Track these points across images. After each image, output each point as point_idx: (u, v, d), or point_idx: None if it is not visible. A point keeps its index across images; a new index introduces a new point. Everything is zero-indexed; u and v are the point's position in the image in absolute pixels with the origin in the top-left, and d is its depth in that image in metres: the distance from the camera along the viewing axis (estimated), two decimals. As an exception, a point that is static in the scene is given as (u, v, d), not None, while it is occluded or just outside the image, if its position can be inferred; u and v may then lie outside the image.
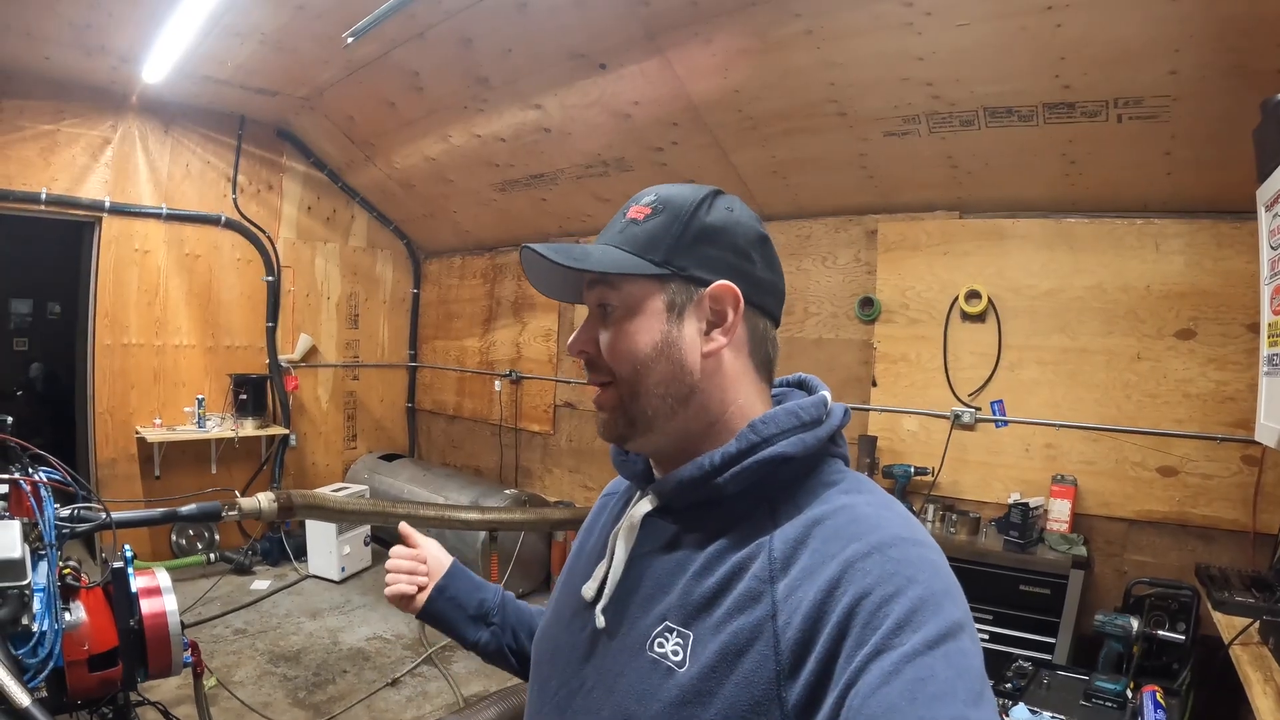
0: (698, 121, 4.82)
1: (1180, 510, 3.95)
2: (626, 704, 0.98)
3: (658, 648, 0.98)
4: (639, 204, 1.10)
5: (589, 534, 1.31)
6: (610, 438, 1.11)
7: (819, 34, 3.85)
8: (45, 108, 6.04)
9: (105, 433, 6.57)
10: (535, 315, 7.30)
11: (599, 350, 1.08)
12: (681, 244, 1.05)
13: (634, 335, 1.05)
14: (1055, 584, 3.80)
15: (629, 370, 1.05)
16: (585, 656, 1.10)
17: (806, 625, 0.85)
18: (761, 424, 1.02)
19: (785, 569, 0.91)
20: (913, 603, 0.79)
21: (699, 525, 1.04)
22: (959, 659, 0.76)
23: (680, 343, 1.05)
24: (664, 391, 1.05)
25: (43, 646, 2.32)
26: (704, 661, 0.92)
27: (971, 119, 3.97)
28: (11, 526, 2.43)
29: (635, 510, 1.12)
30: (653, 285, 1.05)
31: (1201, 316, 3.90)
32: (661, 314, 1.05)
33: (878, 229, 4.88)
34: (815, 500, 0.97)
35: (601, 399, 1.09)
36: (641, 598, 1.05)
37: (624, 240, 1.06)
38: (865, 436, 4.79)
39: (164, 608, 2.73)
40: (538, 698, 1.18)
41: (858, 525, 0.90)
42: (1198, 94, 3.36)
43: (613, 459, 1.25)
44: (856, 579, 0.83)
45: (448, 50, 5.08)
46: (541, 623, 1.28)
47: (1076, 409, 4.23)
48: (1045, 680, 2.91)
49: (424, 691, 4.96)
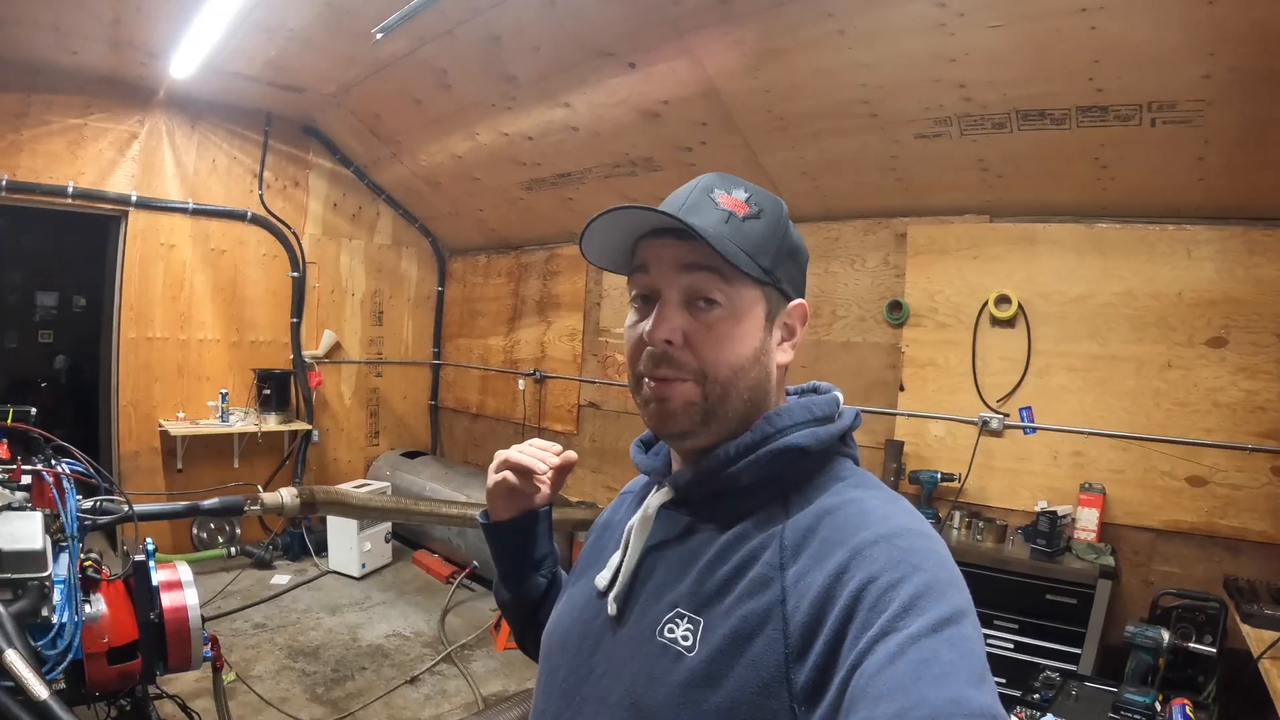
0: (727, 121, 4.80)
1: (1208, 521, 3.91)
2: (635, 688, 1.00)
3: (668, 633, 0.99)
4: (732, 194, 1.08)
5: (605, 528, 1.33)
6: (675, 431, 1.08)
7: (851, 34, 3.83)
8: (73, 102, 6.07)
9: (128, 426, 6.61)
10: (560, 315, 7.31)
11: (684, 342, 1.05)
12: (780, 255, 1.07)
13: (740, 339, 1.05)
14: (1082, 594, 3.76)
15: (727, 373, 1.04)
16: (596, 644, 1.11)
17: (814, 609, 0.87)
18: (776, 416, 1.06)
19: (795, 556, 0.93)
20: (918, 588, 0.81)
21: (713, 516, 1.06)
22: (962, 643, 0.78)
23: (770, 352, 1.09)
24: (749, 397, 1.06)
25: (62, 638, 2.32)
26: (713, 645, 0.93)
27: (1004, 121, 3.95)
28: (33, 517, 2.45)
29: (651, 502, 1.14)
30: (757, 290, 1.06)
31: (1233, 324, 3.86)
32: (761, 321, 1.07)
33: (907, 232, 4.87)
34: (825, 493, 1.00)
35: (672, 391, 1.06)
36: (654, 587, 1.07)
37: (734, 234, 1.04)
38: (892, 441, 4.77)
39: (185, 601, 2.75)
40: (546, 685, 1.19)
41: (866, 516, 0.93)
42: (1231, 98, 3.32)
43: (632, 456, 1.27)
44: (864, 565, 0.85)
45: (476, 48, 5.07)
46: (553, 613, 1.28)
47: (1105, 417, 4.19)
48: (1073, 691, 2.90)
49: (443, 690, 4.95)
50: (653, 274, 1.07)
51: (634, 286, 1.11)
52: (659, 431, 1.11)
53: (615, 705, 1.02)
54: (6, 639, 2.06)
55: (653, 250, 1.07)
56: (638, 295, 1.11)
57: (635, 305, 1.12)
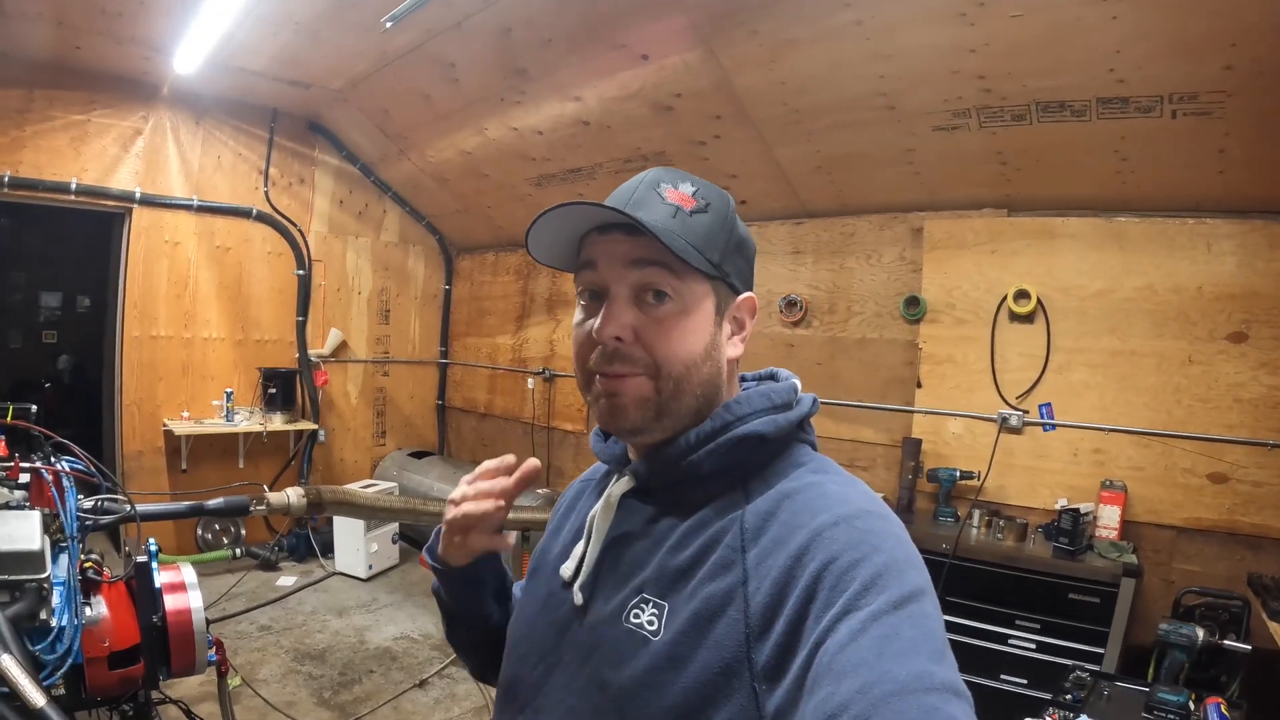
0: (741, 115, 4.79)
1: (1230, 518, 3.91)
2: (601, 672, 1.02)
3: (634, 618, 1.01)
4: (678, 188, 1.08)
5: (565, 517, 1.33)
6: (626, 427, 1.09)
7: (869, 25, 3.82)
8: (76, 98, 6.08)
9: (132, 425, 6.60)
10: (569, 313, 7.13)
11: (634, 338, 1.05)
12: (728, 249, 1.09)
13: (691, 334, 1.06)
14: (1105, 593, 3.72)
15: (679, 369, 1.05)
16: (562, 633, 1.12)
17: (776, 589, 0.88)
18: (735, 404, 1.08)
19: (756, 539, 0.95)
20: (877, 568, 0.83)
21: (675, 504, 1.08)
22: (922, 620, 0.80)
23: (721, 347, 1.10)
24: (701, 392, 1.07)
25: (61, 642, 2.29)
26: (677, 628, 0.95)
27: (1023, 113, 3.94)
28: (31, 517, 2.43)
29: (613, 490, 1.15)
30: (706, 284, 1.07)
31: (1254, 319, 3.86)
32: (711, 316, 1.08)
33: (924, 226, 4.86)
34: (785, 478, 1.02)
35: (624, 387, 1.06)
36: (619, 574, 1.08)
37: (682, 229, 1.04)
38: (909, 439, 4.76)
39: (189, 604, 2.73)
40: (510, 676, 1.20)
41: (826, 499, 0.95)
42: (1253, 90, 3.32)
43: (592, 444, 1.26)
44: (824, 546, 0.87)
45: (486, 40, 5.06)
46: (517, 607, 1.29)
47: (1126, 413, 4.19)
48: (1105, 692, 2.87)
49: (452, 694, 4.93)
50: (601, 270, 1.07)
51: (580, 283, 1.11)
52: (611, 428, 1.12)
53: (581, 691, 1.05)
54: (2, 644, 2.01)
55: (600, 246, 1.07)
56: (584, 291, 1.11)
57: (582, 302, 1.11)
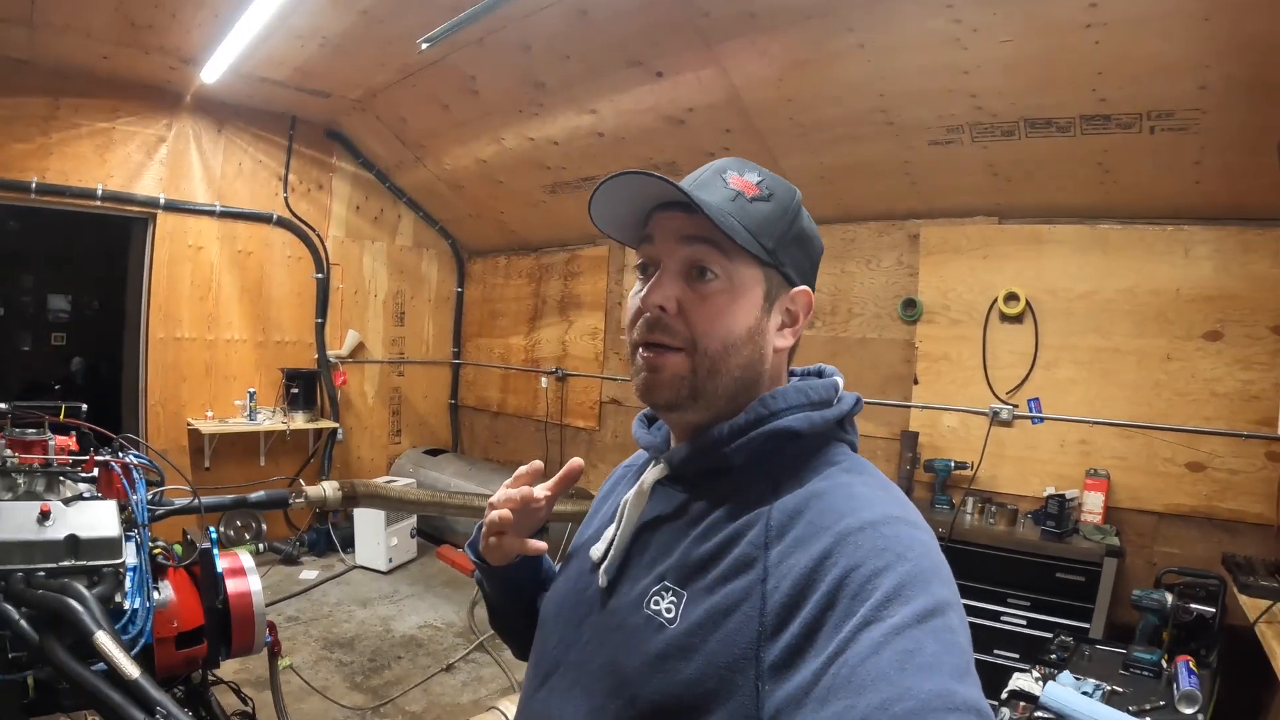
0: (750, 127, 4.95)
1: (1208, 504, 4.06)
2: (616, 656, 1.02)
3: (653, 605, 1.01)
4: (744, 176, 1.09)
5: (603, 501, 1.35)
6: (661, 402, 1.09)
7: (871, 48, 4.00)
8: (101, 106, 6.17)
9: (157, 424, 6.69)
10: (582, 314, 7.41)
11: (678, 311, 1.05)
12: (786, 239, 1.08)
13: (734, 314, 1.05)
14: (1090, 571, 3.91)
15: (718, 347, 1.04)
16: (586, 613, 1.13)
17: (794, 591, 0.87)
18: (771, 399, 1.07)
19: (780, 536, 0.93)
20: (901, 578, 0.81)
21: (705, 493, 1.07)
22: (946, 635, 0.78)
23: (766, 333, 1.08)
24: (740, 375, 1.06)
25: (134, 624, 2.39)
26: (692, 619, 0.95)
27: (1012, 129, 4.10)
28: (108, 506, 2.54)
29: (646, 477, 1.16)
30: (758, 270, 1.07)
31: (1228, 319, 4.02)
32: (759, 301, 1.07)
33: (920, 233, 5.04)
34: (817, 477, 1.00)
35: (663, 362, 1.06)
36: (645, 559, 1.08)
37: (738, 212, 1.04)
38: (907, 432, 4.93)
39: (249, 587, 2.85)
40: (538, 652, 1.22)
41: (854, 501, 0.93)
42: (1226, 107, 3.48)
43: (634, 431, 1.27)
44: (848, 551, 0.85)
45: (506, 55, 5.19)
46: (553, 584, 1.29)
47: (1109, 406, 4.35)
48: (1086, 653, 3.10)
49: (479, 676, 5.08)
50: (656, 244, 1.09)
51: (640, 256, 1.12)
52: (646, 400, 1.11)
53: (596, 671, 1.05)
54: (95, 621, 2.14)
55: (659, 222, 1.09)
56: (642, 264, 1.12)
57: (639, 275, 1.13)
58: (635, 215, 1.12)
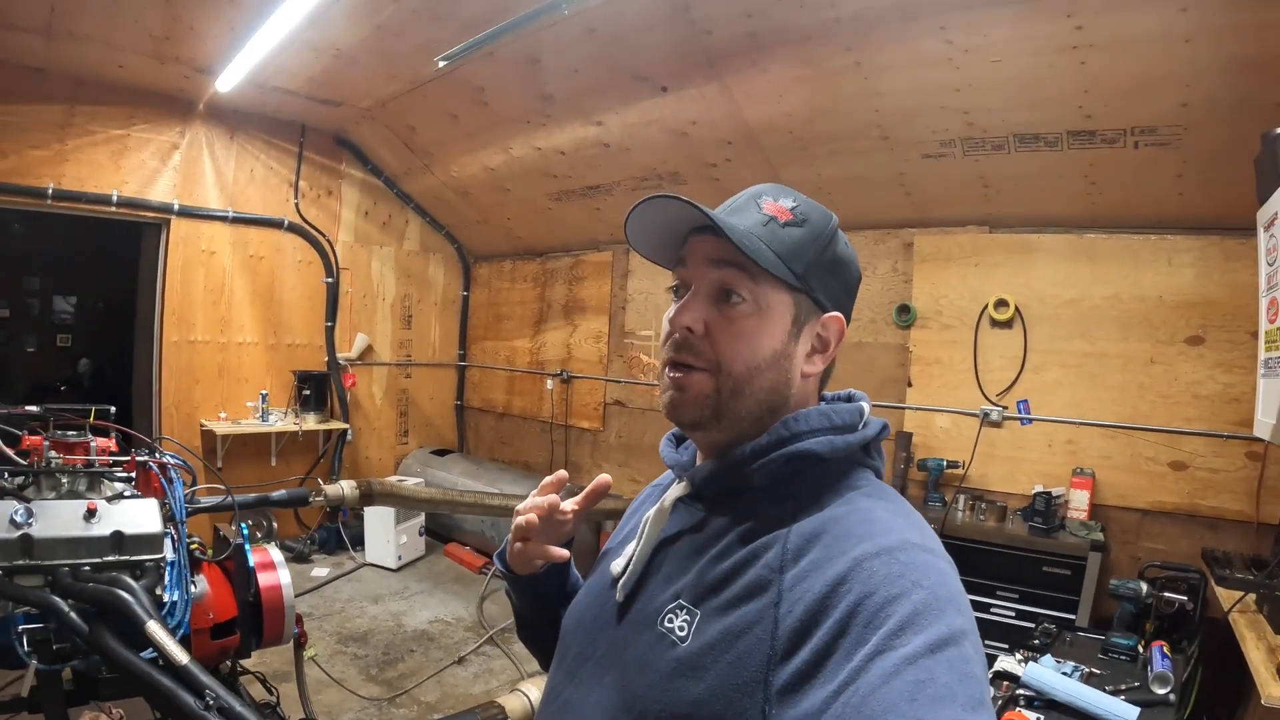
0: (751, 141, 5.08)
1: (1190, 502, 4.18)
2: (628, 672, 1.02)
3: (667, 622, 1.00)
4: (778, 201, 1.08)
5: (630, 517, 1.35)
6: (685, 420, 1.09)
7: (867, 66, 4.14)
8: (116, 113, 6.26)
9: (170, 426, 6.73)
10: (586, 318, 7.54)
11: (704, 333, 1.05)
12: (818, 265, 1.07)
13: (759, 337, 1.04)
14: (1075, 565, 4.07)
15: (742, 369, 1.04)
16: (603, 628, 1.13)
17: (807, 616, 0.85)
18: (793, 420, 1.05)
19: (796, 559, 0.92)
20: (915, 606, 0.80)
21: (725, 512, 1.06)
22: (960, 665, 0.76)
23: (793, 358, 1.07)
24: (764, 398, 1.06)
25: (173, 616, 2.52)
26: (704, 639, 0.93)
27: (1002, 144, 4.24)
28: (150, 503, 2.67)
29: (669, 494, 1.15)
30: (786, 294, 1.05)
31: (1210, 324, 4.14)
32: (787, 325, 1.06)
33: (914, 242, 5.16)
34: (837, 501, 0.99)
35: (688, 381, 1.06)
36: (662, 576, 1.07)
37: (769, 237, 1.04)
38: (901, 433, 5.06)
39: (279, 581, 3.00)
40: (557, 663, 1.22)
41: (871, 526, 0.92)
42: (1207, 123, 3.61)
43: (662, 449, 1.26)
44: (863, 578, 0.84)
45: (515, 68, 5.29)
46: (576, 596, 1.29)
47: (1095, 408, 4.47)
48: (1068, 639, 3.24)
49: (489, 669, 5.19)
50: (689, 266, 1.09)
51: (675, 278, 1.12)
52: (671, 417, 1.11)
53: (608, 686, 1.05)
54: (146, 611, 2.27)
55: (692, 245, 1.09)
56: (675, 285, 1.12)
57: (674, 296, 1.13)
58: (671, 238, 1.13)
